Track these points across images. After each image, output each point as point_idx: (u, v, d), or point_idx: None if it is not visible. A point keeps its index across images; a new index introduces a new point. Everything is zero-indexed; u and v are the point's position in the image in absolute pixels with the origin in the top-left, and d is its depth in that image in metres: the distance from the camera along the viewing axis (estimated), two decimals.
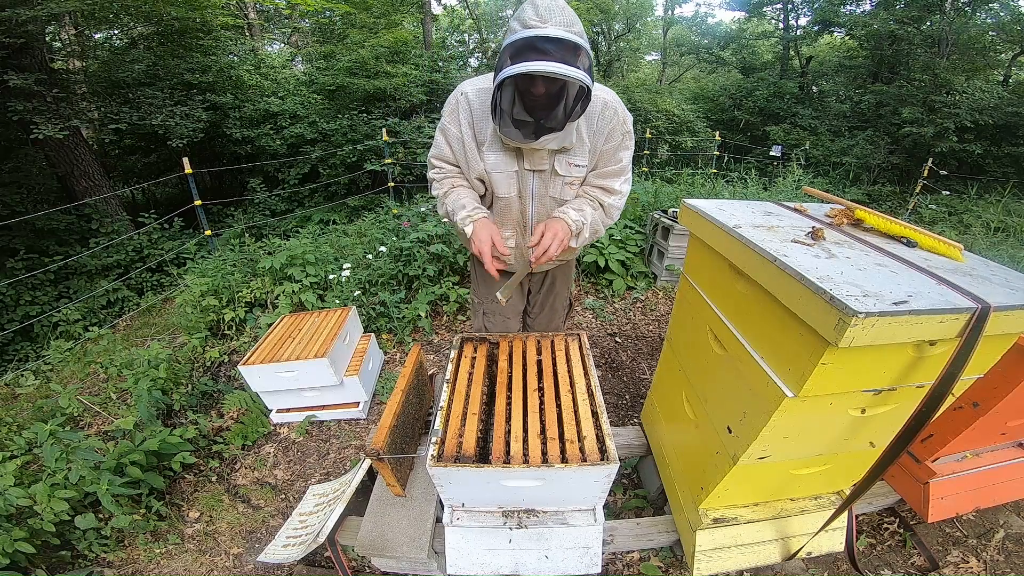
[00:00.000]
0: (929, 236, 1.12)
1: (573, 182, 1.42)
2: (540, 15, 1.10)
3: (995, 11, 9.88)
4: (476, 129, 1.35)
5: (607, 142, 1.37)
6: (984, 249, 4.41)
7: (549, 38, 1.09)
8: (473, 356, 1.58)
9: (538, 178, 1.40)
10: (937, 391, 0.89)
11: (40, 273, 5.12)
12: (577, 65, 1.11)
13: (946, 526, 1.73)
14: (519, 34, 1.10)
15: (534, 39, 1.09)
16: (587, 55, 1.14)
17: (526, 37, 1.09)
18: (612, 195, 1.45)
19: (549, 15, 1.10)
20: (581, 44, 1.11)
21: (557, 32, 1.09)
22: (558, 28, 1.09)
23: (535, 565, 1.31)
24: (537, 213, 1.47)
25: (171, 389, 2.57)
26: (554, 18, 1.10)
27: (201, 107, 6.82)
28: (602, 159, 1.41)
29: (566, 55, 1.10)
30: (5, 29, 4.88)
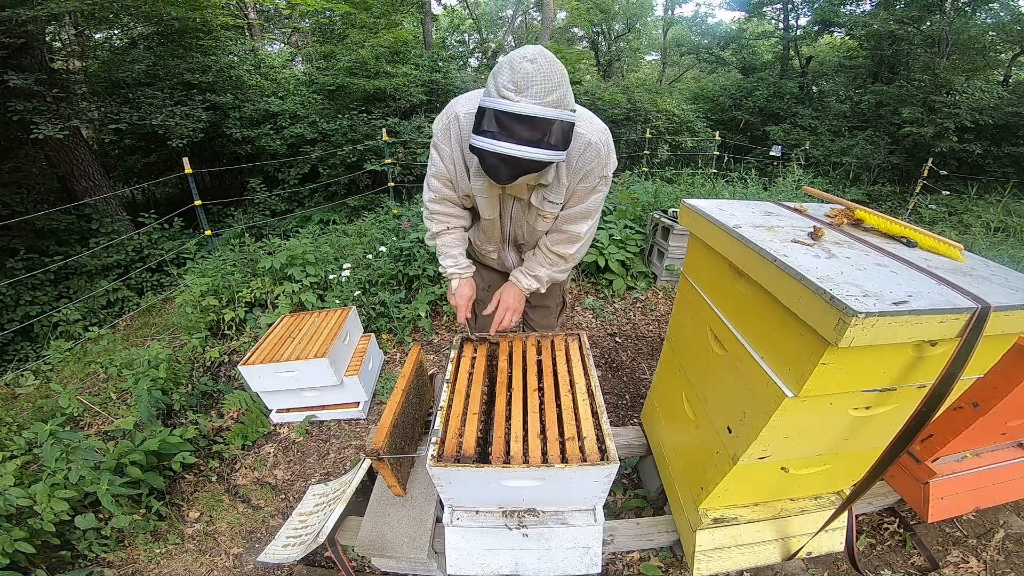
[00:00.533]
0: (929, 236, 1.12)
1: (546, 216, 1.41)
2: (516, 84, 1.02)
3: (995, 11, 9.88)
4: (465, 154, 1.32)
5: (582, 182, 1.33)
6: (984, 249, 4.41)
7: (520, 116, 1.03)
8: (473, 356, 1.58)
9: (517, 203, 1.43)
10: (937, 391, 0.89)
11: (40, 273, 5.12)
12: (548, 142, 1.06)
13: (946, 526, 1.73)
14: (491, 103, 1.04)
15: (503, 115, 1.03)
16: (562, 123, 1.07)
17: (497, 110, 1.03)
18: (575, 243, 1.47)
19: (526, 84, 1.02)
20: (555, 118, 1.05)
21: (530, 109, 1.02)
22: (532, 103, 1.02)
23: (535, 565, 1.31)
24: (515, 233, 1.55)
25: (171, 389, 2.57)
26: (531, 88, 1.02)
27: (201, 107, 6.82)
28: (573, 197, 1.37)
29: (536, 133, 1.04)
30: (5, 29, 4.88)
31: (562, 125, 1.07)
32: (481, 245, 1.65)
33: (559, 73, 1.05)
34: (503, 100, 1.03)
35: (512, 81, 1.02)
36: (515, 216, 1.48)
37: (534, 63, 1.03)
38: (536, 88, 1.02)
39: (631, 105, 9.69)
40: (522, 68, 1.02)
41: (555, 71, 1.04)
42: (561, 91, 1.05)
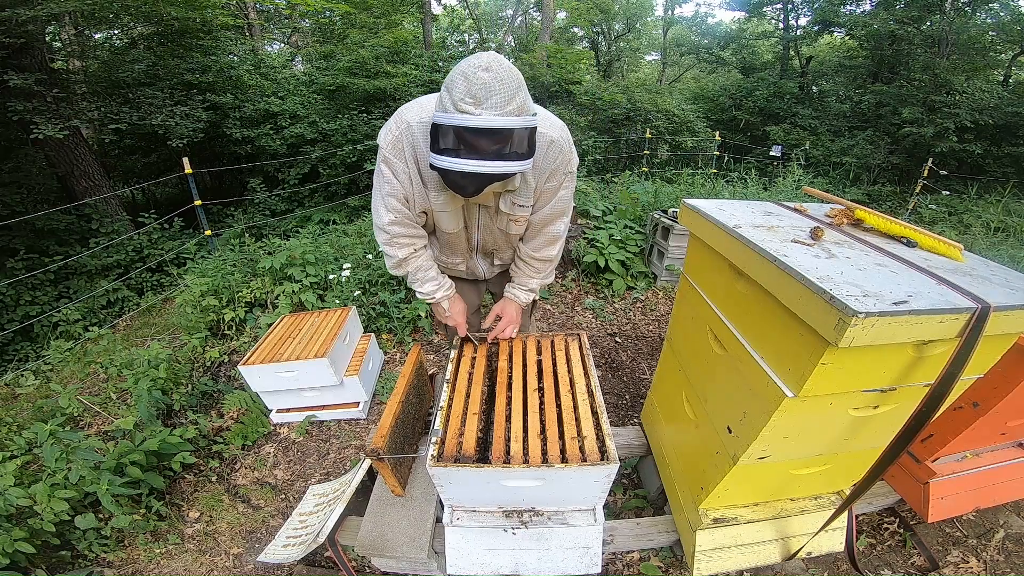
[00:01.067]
0: (929, 236, 1.12)
1: (518, 219, 1.39)
2: (474, 96, 0.95)
3: (995, 11, 9.88)
4: (421, 166, 1.23)
5: (548, 181, 1.31)
6: (984, 249, 4.41)
7: (482, 130, 0.97)
8: (473, 356, 1.59)
9: (484, 211, 1.37)
10: (937, 391, 0.89)
11: (40, 273, 5.12)
12: (515, 152, 1.02)
13: (946, 526, 1.73)
14: (449, 118, 0.97)
15: (464, 131, 0.97)
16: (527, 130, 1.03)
17: (457, 126, 0.97)
18: (556, 243, 1.50)
19: (486, 95, 0.96)
20: (519, 126, 1.00)
21: (492, 121, 0.97)
22: (494, 114, 0.97)
23: (535, 565, 1.31)
24: (483, 240, 1.48)
25: (171, 389, 2.57)
26: (491, 98, 0.96)
27: (201, 107, 6.81)
28: (542, 197, 1.36)
29: (501, 145, 0.99)
30: (5, 29, 4.88)
31: (526, 132, 1.04)
32: (446, 259, 1.56)
33: (516, 78, 1.00)
34: (462, 115, 0.96)
35: (470, 93, 0.96)
36: (483, 224, 1.41)
37: (490, 71, 0.96)
38: (496, 98, 0.96)
39: (631, 105, 9.68)
40: (478, 78, 0.95)
41: (512, 77, 0.99)
42: (520, 96, 1.00)
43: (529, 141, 1.06)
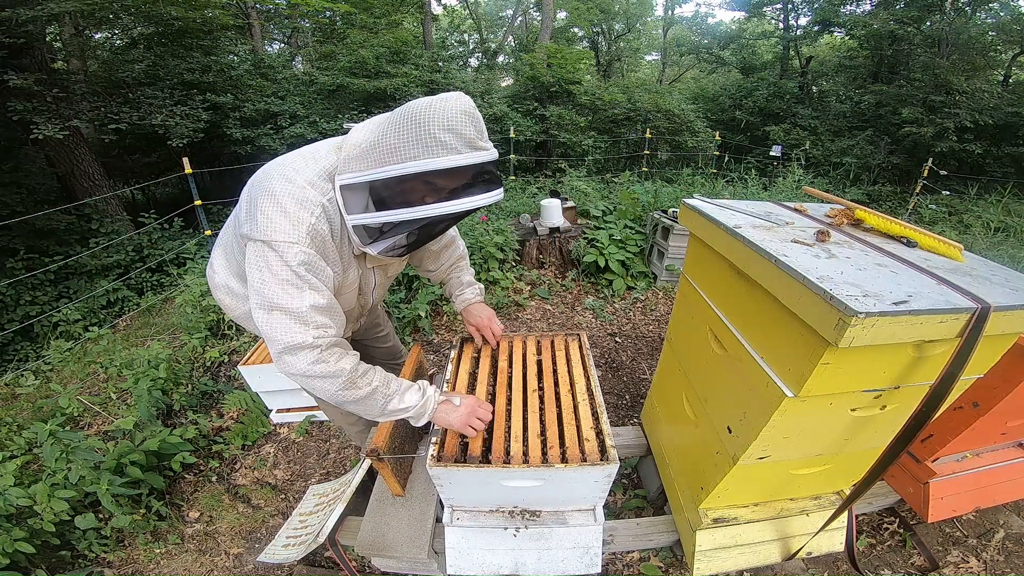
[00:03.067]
0: (929, 236, 1.12)
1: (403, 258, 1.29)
2: (481, 132, 0.93)
3: (995, 11, 9.88)
4: (340, 259, 1.07)
5: None
6: (984, 249, 4.40)
7: (495, 162, 0.95)
8: (473, 356, 1.59)
9: (379, 271, 1.28)
10: (937, 391, 0.89)
11: (40, 273, 5.12)
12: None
13: (946, 526, 1.73)
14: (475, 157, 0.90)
15: (485, 166, 0.93)
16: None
17: (482, 164, 0.92)
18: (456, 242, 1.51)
19: (484, 129, 0.94)
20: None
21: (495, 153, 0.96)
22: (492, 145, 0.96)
23: (535, 565, 1.31)
24: (377, 297, 1.37)
25: (171, 389, 2.57)
26: (485, 133, 0.94)
27: (201, 107, 6.81)
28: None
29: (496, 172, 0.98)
30: (5, 29, 4.88)
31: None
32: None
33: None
34: (484, 152, 0.93)
35: (479, 132, 0.93)
36: (379, 282, 1.31)
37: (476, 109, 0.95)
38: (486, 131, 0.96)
39: (631, 105, 9.69)
40: (477, 115, 0.93)
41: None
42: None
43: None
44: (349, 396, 1.04)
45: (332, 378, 1.01)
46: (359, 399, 1.06)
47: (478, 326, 1.54)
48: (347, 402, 1.06)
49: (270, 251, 0.94)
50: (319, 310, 0.98)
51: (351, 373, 1.03)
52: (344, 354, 1.04)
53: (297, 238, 0.94)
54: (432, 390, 1.19)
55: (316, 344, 0.98)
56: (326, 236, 0.99)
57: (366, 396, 1.07)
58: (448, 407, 1.20)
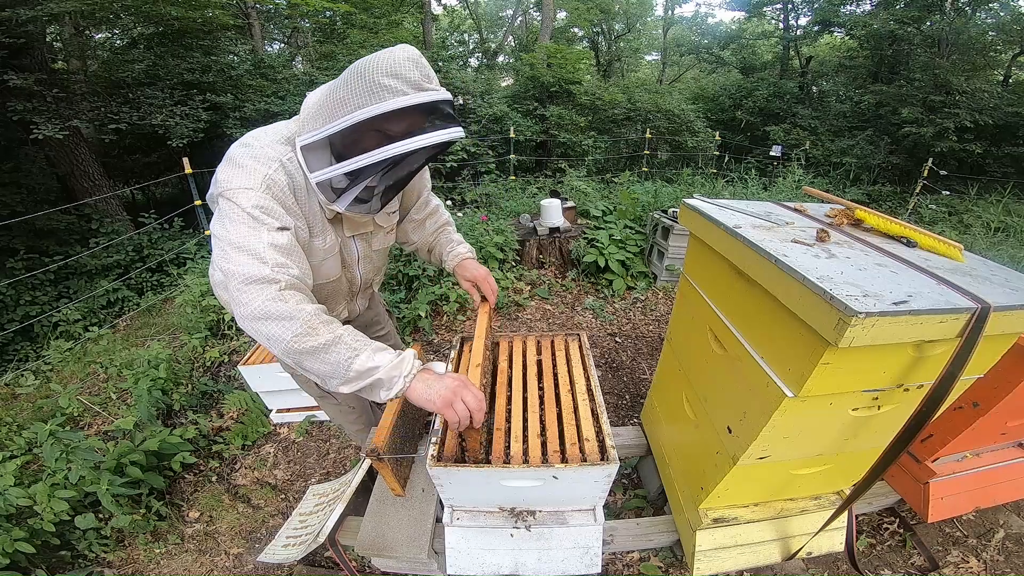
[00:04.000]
0: (929, 236, 1.12)
1: (392, 228, 1.34)
2: (428, 76, 0.93)
3: (995, 11, 9.88)
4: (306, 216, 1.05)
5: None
6: (984, 249, 4.40)
7: (448, 101, 0.94)
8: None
9: (360, 240, 1.25)
10: (937, 391, 0.89)
11: (40, 273, 5.12)
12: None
13: (946, 526, 1.73)
14: (416, 97, 0.90)
15: (439, 103, 0.93)
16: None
17: (433, 102, 0.92)
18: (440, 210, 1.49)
19: (432, 74, 0.94)
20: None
21: (448, 94, 0.95)
22: (444, 89, 0.96)
23: (535, 565, 1.31)
24: (366, 272, 1.34)
25: (171, 389, 2.57)
26: (435, 78, 0.95)
27: (201, 107, 6.81)
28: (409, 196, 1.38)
29: (454, 113, 0.97)
30: (5, 29, 4.88)
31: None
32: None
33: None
34: (430, 92, 0.92)
35: (424, 75, 0.92)
36: (363, 256, 1.28)
37: (423, 57, 0.95)
38: (436, 76, 0.96)
39: (631, 105, 9.68)
40: (423, 63, 0.94)
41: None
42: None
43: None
44: (307, 344, 0.88)
45: (288, 320, 0.88)
46: (318, 349, 0.89)
47: (475, 279, 1.42)
48: (305, 353, 0.89)
49: (227, 201, 0.94)
50: (277, 249, 0.94)
51: (311, 317, 0.90)
52: (306, 299, 0.94)
53: (252, 184, 0.94)
54: (411, 354, 0.97)
55: (275, 278, 0.90)
56: (284, 187, 0.98)
57: (327, 345, 0.89)
58: (429, 377, 0.96)
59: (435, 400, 0.93)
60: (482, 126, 8.46)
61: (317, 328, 0.90)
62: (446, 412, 0.94)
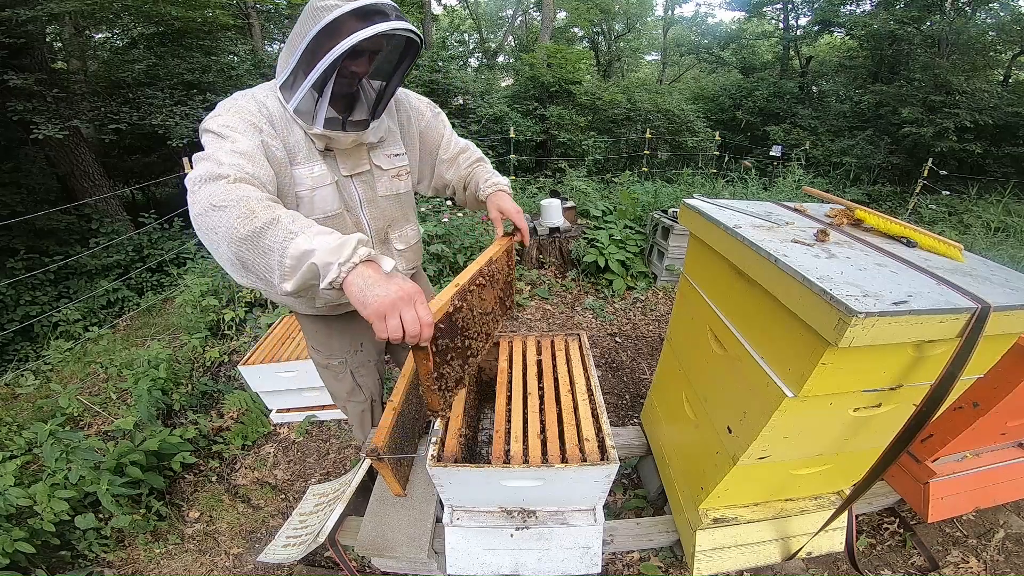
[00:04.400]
0: (929, 236, 1.12)
1: (399, 173, 1.32)
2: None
3: (995, 11, 9.88)
4: (278, 141, 1.10)
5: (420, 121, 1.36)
6: (984, 249, 4.40)
7: (383, 3, 1.01)
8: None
9: (360, 182, 1.25)
10: (937, 391, 0.89)
11: (40, 273, 5.12)
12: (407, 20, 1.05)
13: (946, 526, 1.73)
14: (348, 5, 0.97)
15: (371, 6, 0.99)
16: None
17: (362, 6, 0.98)
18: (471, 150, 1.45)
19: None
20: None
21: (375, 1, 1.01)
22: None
23: (535, 565, 1.31)
24: (373, 218, 1.30)
25: (171, 389, 2.57)
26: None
27: (201, 107, 6.81)
28: (429, 137, 1.39)
29: (398, 13, 1.04)
30: (5, 29, 4.88)
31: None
32: None
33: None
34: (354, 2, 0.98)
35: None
36: (365, 199, 1.27)
37: None
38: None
39: (631, 105, 9.68)
40: None
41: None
42: None
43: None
44: (245, 229, 0.81)
45: (230, 206, 0.83)
46: (255, 233, 0.81)
47: (505, 211, 1.31)
48: (245, 242, 0.82)
49: (202, 134, 1.02)
50: (237, 153, 0.95)
51: (252, 201, 0.84)
52: (254, 189, 0.90)
53: (220, 112, 1.04)
54: (356, 239, 0.81)
55: (225, 174, 0.89)
56: (254, 111, 1.06)
57: (263, 228, 0.81)
58: (372, 275, 0.79)
59: (369, 304, 0.78)
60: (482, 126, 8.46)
61: (255, 211, 0.83)
62: (376, 323, 0.79)
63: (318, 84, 1.04)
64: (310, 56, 1.02)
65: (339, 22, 0.98)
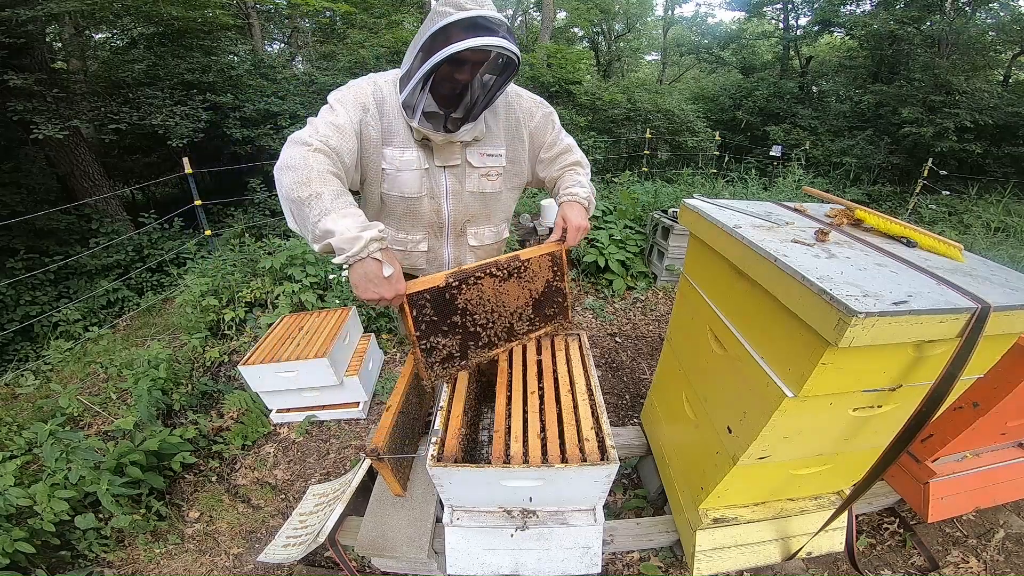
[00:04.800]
0: (929, 236, 1.12)
1: (489, 173, 1.36)
2: (474, 1, 1.08)
3: (995, 11, 9.88)
4: (382, 121, 1.24)
5: (530, 121, 1.38)
6: (984, 249, 4.40)
7: (490, 18, 1.07)
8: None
9: (450, 174, 1.33)
10: (937, 391, 0.89)
11: (40, 273, 5.12)
12: (513, 39, 1.10)
13: (946, 526, 1.73)
14: (457, 15, 1.05)
15: (478, 19, 1.06)
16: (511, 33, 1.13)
17: (470, 17, 1.05)
18: (573, 152, 1.47)
19: (483, 1, 1.09)
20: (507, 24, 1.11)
21: (495, 15, 1.08)
22: (490, 11, 1.08)
23: (535, 565, 1.31)
24: (455, 210, 1.38)
25: (171, 389, 2.57)
26: (487, 3, 1.09)
27: (201, 107, 6.82)
28: (537, 137, 1.41)
29: (505, 31, 1.08)
30: (5, 29, 4.88)
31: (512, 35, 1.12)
32: (405, 234, 1.39)
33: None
34: (471, 10, 1.06)
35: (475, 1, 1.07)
36: (451, 190, 1.34)
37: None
38: (490, 3, 1.11)
39: (631, 105, 9.69)
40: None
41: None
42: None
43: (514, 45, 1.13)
44: (297, 193, 1.01)
45: (295, 170, 1.03)
46: (303, 200, 1.01)
47: (566, 219, 1.36)
48: (295, 202, 1.02)
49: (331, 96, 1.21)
50: (330, 125, 1.14)
51: (312, 171, 1.03)
52: (325, 160, 1.08)
53: (344, 87, 1.22)
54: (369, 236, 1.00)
55: (309, 143, 1.08)
56: (368, 92, 1.21)
57: (309, 198, 1.00)
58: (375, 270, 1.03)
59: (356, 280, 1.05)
60: None
61: (311, 180, 1.02)
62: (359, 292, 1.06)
63: (420, 83, 1.12)
64: (422, 56, 1.10)
65: (448, 29, 1.06)
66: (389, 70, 1.29)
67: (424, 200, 1.33)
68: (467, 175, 1.34)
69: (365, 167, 1.26)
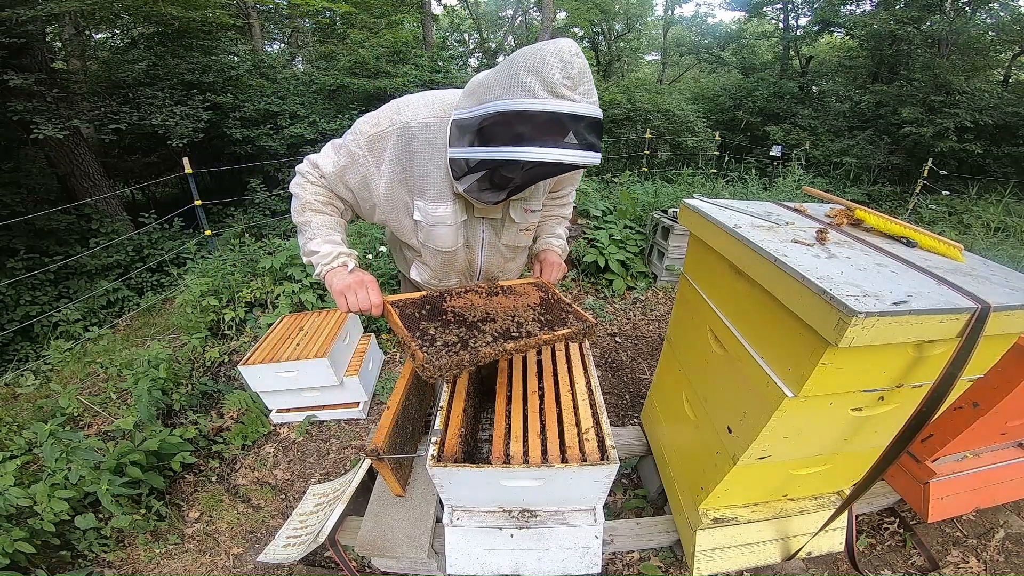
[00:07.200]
0: (929, 236, 1.12)
1: (528, 227, 1.31)
2: (572, 80, 0.85)
3: (995, 11, 9.88)
4: (411, 172, 1.10)
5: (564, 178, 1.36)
6: (984, 249, 4.40)
7: (585, 118, 0.86)
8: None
9: (488, 226, 1.26)
10: (937, 391, 0.89)
11: (40, 273, 5.12)
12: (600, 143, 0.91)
13: (946, 526, 1.73)
14: (548, 104, 0.83)
15: (568, 116, 0.85)
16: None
17: (557, 113, 0.84)
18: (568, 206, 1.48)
19: (581, 80, 0.86)
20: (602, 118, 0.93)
21: (592, 111, 0.87)
22: (590, 102, 0.87)
23: (535, 565, 1.31)
24: (487, 261, 1.34)
25: (171, 389, 2.57)
26: (583, 84, 0.86)
27: (201, 107, 6.82)
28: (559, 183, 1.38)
29: (596, 136, 0.89)
30: (5, 29, 4.88)
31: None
32: (438, 282, 1.37)
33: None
34: (561, 101, 0.84)
35: (568, 78, 0.84)
36: (487, 242, 1.29)
37: (580, 57, 0.86)
38: (587, 85, 0.87)
39: (631, 105, 9.70)
40: (575, 63, 0.85)
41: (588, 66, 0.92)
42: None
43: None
44: (297, 218, 1.20)
45: (297, 198, 1.19)
46: (300, 223, 1.20)
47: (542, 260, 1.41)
48: (296, 223, 1.21)
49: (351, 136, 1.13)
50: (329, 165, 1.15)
51: (309, 203, 1.17)
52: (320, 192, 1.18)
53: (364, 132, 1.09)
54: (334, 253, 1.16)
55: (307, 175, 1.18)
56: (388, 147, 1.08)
57: (304, 223, 1.19)
58: (342, 272, 1.16)
59: (333, 287, 1.15)
60: None
61: (305, 211, 1.19)
62: (337, 299, 1.14)
63: (476, 165, 0.97)
64: (487, 124, 0.90)
65: (532, 119, 0.84)
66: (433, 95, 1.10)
67: (460, 251, 1.27)
68: (505, 228, 1.27)
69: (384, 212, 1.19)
